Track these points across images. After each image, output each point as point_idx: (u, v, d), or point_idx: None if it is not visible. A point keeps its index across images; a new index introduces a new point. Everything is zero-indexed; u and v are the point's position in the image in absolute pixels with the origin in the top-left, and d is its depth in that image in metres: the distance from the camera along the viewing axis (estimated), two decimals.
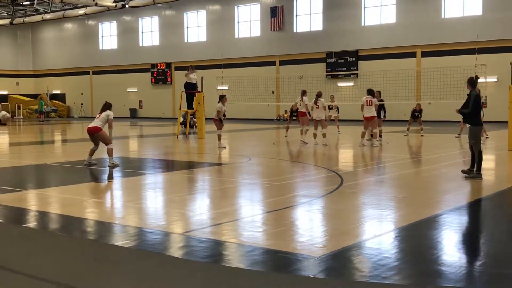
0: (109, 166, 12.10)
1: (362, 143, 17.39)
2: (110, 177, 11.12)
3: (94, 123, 12.40)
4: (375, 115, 17.23)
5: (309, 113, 18.64)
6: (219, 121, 17.08)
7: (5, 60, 54.51)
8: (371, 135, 18.00)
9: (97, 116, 12.50)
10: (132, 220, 7.03)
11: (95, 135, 12.35)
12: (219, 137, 17.20)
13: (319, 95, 18.01)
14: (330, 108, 22.86)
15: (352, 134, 22.75)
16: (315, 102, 17.96)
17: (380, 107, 18.76)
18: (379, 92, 19.51)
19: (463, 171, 10.35)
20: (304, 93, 18.72)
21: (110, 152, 12.26)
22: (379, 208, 7.64)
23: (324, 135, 17.63)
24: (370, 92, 17.38)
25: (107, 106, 12.54)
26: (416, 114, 21.79)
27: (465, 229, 6.74)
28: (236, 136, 23.58)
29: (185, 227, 6.63)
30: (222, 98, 17.11)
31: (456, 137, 20.22)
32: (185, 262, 5.16)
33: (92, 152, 12.54)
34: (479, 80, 10.52)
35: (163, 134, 25.23)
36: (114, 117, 12.74)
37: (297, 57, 39.03)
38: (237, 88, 32.93)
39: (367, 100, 17.19)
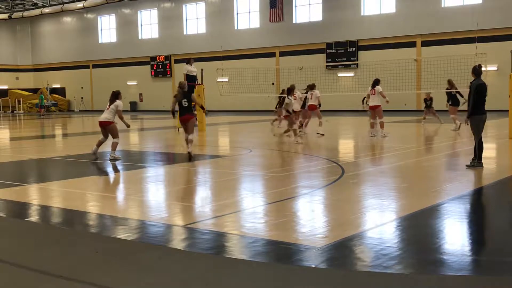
0: (110, 160, 12.10)
1: (373, 133, 17.27)
2: (112, 170, 11.13)
3: (105, 118, 12.30)
4: (379, 104, 17.15)
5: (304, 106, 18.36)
6: (288, 113, 16.01)
7: (4, 55, 54.43)
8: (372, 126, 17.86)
9: (107, 107, 12.40)
10: (134, 213, 7.05)
11: (107, 128, 12.34)
12: (295, 132, 15.97)
13: (292, 88, 16.75)
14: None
15: (353, 125, 22.73)
16: (292, 94, 17.21)
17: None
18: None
19: (467, 166, 10.19)
20: (313, 87, 18.46)
21: (114, 146, 12.25)
22: (381, 198, 7.65)
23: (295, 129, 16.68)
24: (376, 82, 17.27)
25: (114, 95, 12.38)
26: (427, 103, 21.85)
27: (467, 218, 6.75)
28: (236, 128, 23.57)
29: (187, 219, 6.64)
30: (290, 91, 16.28)
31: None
32: (187, 254, 5.17)
33: (99, 144, 12.55)
34: (482, 69, 10.36)
35: (164, 127, 25.23)
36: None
37: (297, 48, 38.91)
38: (237, 80, 32.88)
39: (371, 90, 17.14)
